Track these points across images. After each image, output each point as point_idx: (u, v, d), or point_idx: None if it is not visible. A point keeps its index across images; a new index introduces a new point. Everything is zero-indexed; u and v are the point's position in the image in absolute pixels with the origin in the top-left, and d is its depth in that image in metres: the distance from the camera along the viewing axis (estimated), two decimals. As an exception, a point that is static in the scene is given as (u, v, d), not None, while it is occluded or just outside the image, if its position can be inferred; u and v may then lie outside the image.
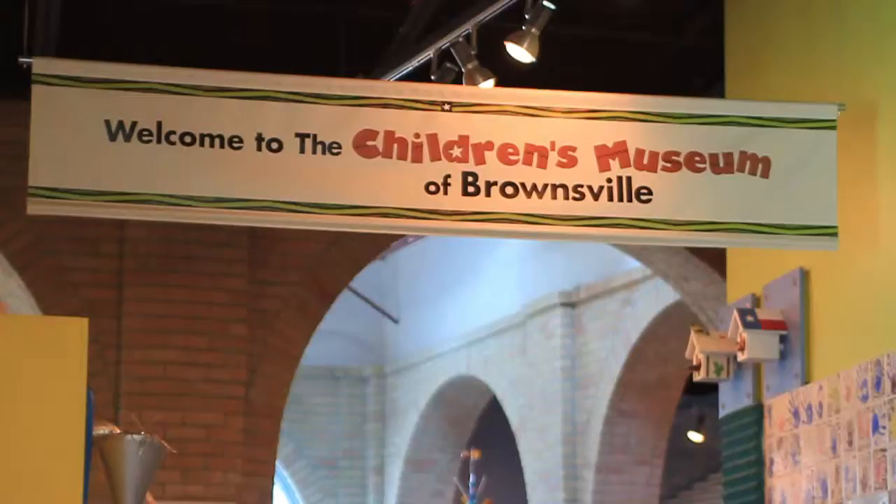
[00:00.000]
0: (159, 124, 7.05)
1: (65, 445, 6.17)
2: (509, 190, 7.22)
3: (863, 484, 7.94)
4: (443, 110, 7.27)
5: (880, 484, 7.76)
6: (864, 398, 7.94)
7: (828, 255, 7.97)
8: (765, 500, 8.93)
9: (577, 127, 7.37)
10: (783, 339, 8.79)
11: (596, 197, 7.31)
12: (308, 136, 7.13)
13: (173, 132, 7.05)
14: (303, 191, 7.10)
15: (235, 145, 7.08)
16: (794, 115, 7.66)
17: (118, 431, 6.65)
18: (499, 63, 8.47)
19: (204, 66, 7.26)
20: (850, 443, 8.06)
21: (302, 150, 7.11)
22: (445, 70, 8.62)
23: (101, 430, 6.60)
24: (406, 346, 22.91)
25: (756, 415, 9.02)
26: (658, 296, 17.44)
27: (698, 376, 9.31)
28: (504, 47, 8.40)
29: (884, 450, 7.75)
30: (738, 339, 8.94)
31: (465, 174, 7.20)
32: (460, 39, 8.42)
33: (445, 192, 7.18)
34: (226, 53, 9.66)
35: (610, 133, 7.40)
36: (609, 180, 7.34)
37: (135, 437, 6.54)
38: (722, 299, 10.74)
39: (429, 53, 8.63)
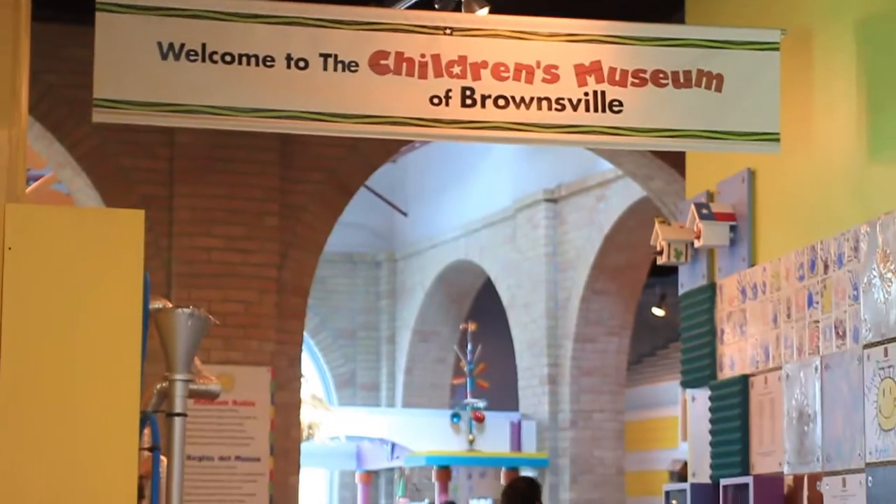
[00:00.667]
0: (203, 45, 7.05)
1: (126, 318, 6.20)
2: (501, 102, 7.23)
3: (799, 350, 7.98)
4: (445, 34, 7.26)
5: (813, 350, 7.80)
6: (801, 278, 7.96)
7: (771, 158, 7.99)
8: (716, 365, 8.97)
9: (560, 48, 7.37)
10: (733, 229, 8.81)
11: (575, 108, 7.32)
12: (330, 55, 7.13)
13: (215, 52, 7.05)
14: (326, 102, 7.11)
15: (268, 64, 7.08)
16: (743, 38, 7.66)
17: (170, 306, 6.68)
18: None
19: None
20: (789, 316, 8.10)
21: (325, 68, 7.11)
22: (447, 0, 8.63)
23: (156, 304, 6.63)
24: (413, 235, 22.94)
25: (710, 292, 9.04)
26: (627, 192, 17.45)
27: (661, 260, 9.34)
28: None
29: (817, 321, 7.78)
30: (695, 229, 8.96)
31: (464, 89, 7.20)
32: (460, -26, 8.41)
33: (447, 104, 7.18)
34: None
35: (587, 54, 7.40)
36: (586, 94, 7.35)
37: (184, 310, 6.57)
38: (681, 195, 10.78)
39: (433, -14, 8.62)
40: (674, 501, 9.20)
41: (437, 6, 8.47)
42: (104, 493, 6.10)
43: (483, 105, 7.24)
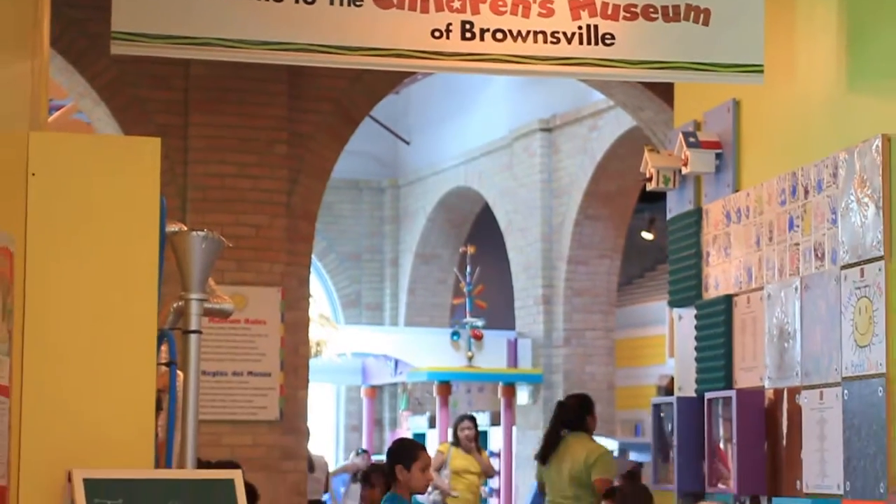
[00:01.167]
0: (217, -19, 7.04)
1: (143, 240, 6.21)
2: (499, 36, 7.20)
3: (780, 271, 8.00)
4: (446, -30, 7.23)
5: (794, 271, 7.82)
6: (783, 203, 7.97)
7: (755, 88, 7.97)
8: (702, 286, 9.00)
9: (555, -16, 7.35)
10: (718, 157, 8.81)
11: (569, 41, 7.29)
12: (336, -10, 7.11)
13: (228, -13, 7.04)
14: (332, 36, 7.09)
15: (278, -1, 7.06)
16: (730, -25, 7.63)
17: (185, 229, 6.69)
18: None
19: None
20: (771, 239, 8.11)
21: (331, 3, 7.08)
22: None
23: (172, 227, 6.64)
24: (415, 163, 22.91)
25: (696, 217, 9.05)
26: (618, 122, 17.41)
27: (650, 186, 9.34)
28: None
29: (797, 244, 7.80)
30: (683, 156, 8.96)
31: (464, 23, 7.18)
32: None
33: (447, 37, 7.16)
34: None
35: (581, -11, 7.38)
36: (580, 28, 7.32)
37: (199, 233, 6.58)
38: (670, 124, 10.77)
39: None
40: (661, 414, 9.26)
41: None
42: (125, 405, 6.14)
43: (482, 38, 7.22)
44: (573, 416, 9.22)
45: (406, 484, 7.58)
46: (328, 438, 22.36)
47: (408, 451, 7.75)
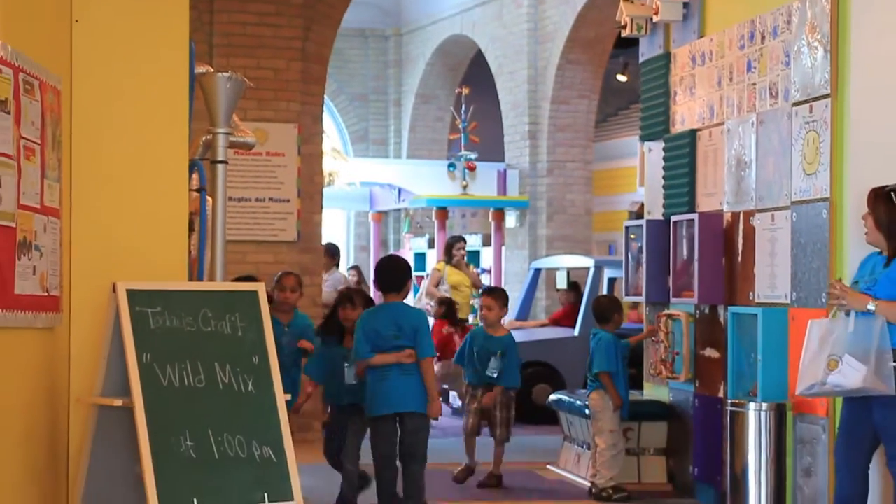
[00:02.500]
0: None
1: (175, 80, 6.20)
2: None
3: (738, 108, 7.99)
4: None
5: (751, 108, 7.81)
6: (742, 47, 7.93)
7: (719, -56, 7.89)
8: (669, 122, 8.99)
9: None
10: (686, 6, 8.74)
11: None
12: None
13: None
14: None
15: None
16: None
17: (212, 71, 6.65)
18: None
19: None
20: (731, 79, 8.09)
21: None
22: None
23: (200, 69, 6.60)
24: (416, 13, 22.68)
25: (665, 60, 9.02)
26: (597, -24, 17.20)
27: (625, 33, 9.28)
28: None
29: (754, 84, 7.78)
30: (654, 6, 8.89)
31: None
32: None
33: None
34: None
35: None
36: None
37: (224, 74, 6.55)
38: (643, -23, 10.58)
39: None
40: (632, 236, 9.32)
41: None
42: (161, 226, 6.18)
43: None
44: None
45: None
46: (340, 258, 22.51)
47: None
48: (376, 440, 7.37)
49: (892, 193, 6.25)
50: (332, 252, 14.23)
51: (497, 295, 9.46)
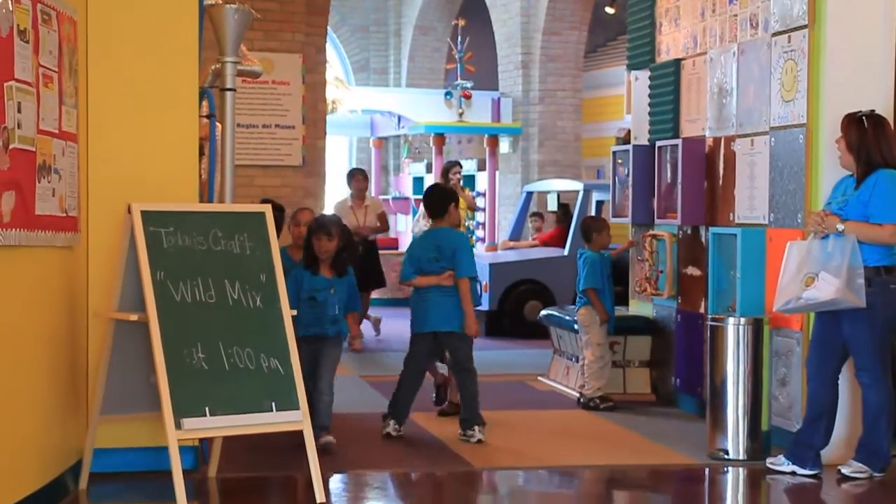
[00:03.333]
0: None
1: (185, 12, 6.16)
2: None
3: (721, 39, 7.95)
4: None
5: (732, 38, 7.77)
6: (725, -19, 7.88)
7: None
8: (655, 51, 8.95)
9: None
10: (671, -59, 8.69)
11: None
12: None
13: None
14: None
15: None
16: None
17: (220, 2, 6.62)
18: None
19: None
20: (714, 11, 8.04)
21: None
22: None
23: (209, 1, 6.57)
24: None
25: (651, -7, 8.98)
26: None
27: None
28: None
29: (735, 15, 7.73)
30: (641, -59, 8.83)
31: None
32: None
33: None
34: None
35: None
36: None
37: (232, 6, 6.51)
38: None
39: None
40: (619, 160, 9.31)
41: None
42: (173, 150, 6.18)
43: None
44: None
45: (450, 219, 7.57)
46: (342, 182, 22.49)
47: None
48: (409, 353, 7.51)
49: (864, 119, 6.27)
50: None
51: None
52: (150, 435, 5.98)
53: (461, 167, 15.14)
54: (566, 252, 12.94)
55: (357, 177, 12.16)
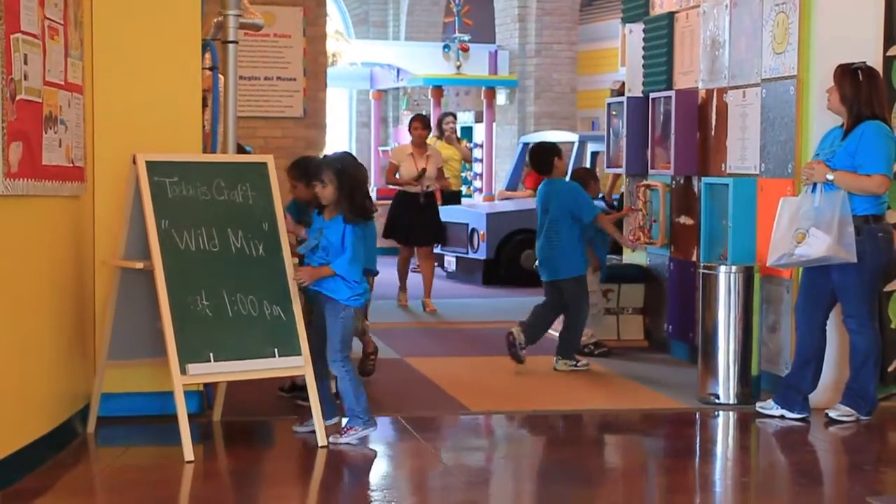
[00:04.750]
0: None
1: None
2: None
3: (714, -7, 7.92)
4: None
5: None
6: (718, -65, 7.83)
7: None
8: (649, 4, 8.90)
9: None
10: None
11: None
12: None
13: None
14: None
15: None
16: None
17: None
18: None
19: None
20: (707, -35, 8.00)
21: None
22: None
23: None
24: None
25: (646, -53, 8.92)
26: None
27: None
28: None
29: (729, -30, 7.69)
30: None
31: None
32: None
33: None
34: None
35: None
36: None
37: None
38: None
39: None
40: (614, 112, 9.28)
41: None
42: (177, 102, 6.16)
43: None
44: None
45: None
46: (343, 133, 22.40)
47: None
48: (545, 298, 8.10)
49: (859, 70, 6.25)
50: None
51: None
52: (156, 380, 6.01)
53: (455, 117, 15.12)
54: (561, 202, 12.92)
55: (414, 123, 11.02)
